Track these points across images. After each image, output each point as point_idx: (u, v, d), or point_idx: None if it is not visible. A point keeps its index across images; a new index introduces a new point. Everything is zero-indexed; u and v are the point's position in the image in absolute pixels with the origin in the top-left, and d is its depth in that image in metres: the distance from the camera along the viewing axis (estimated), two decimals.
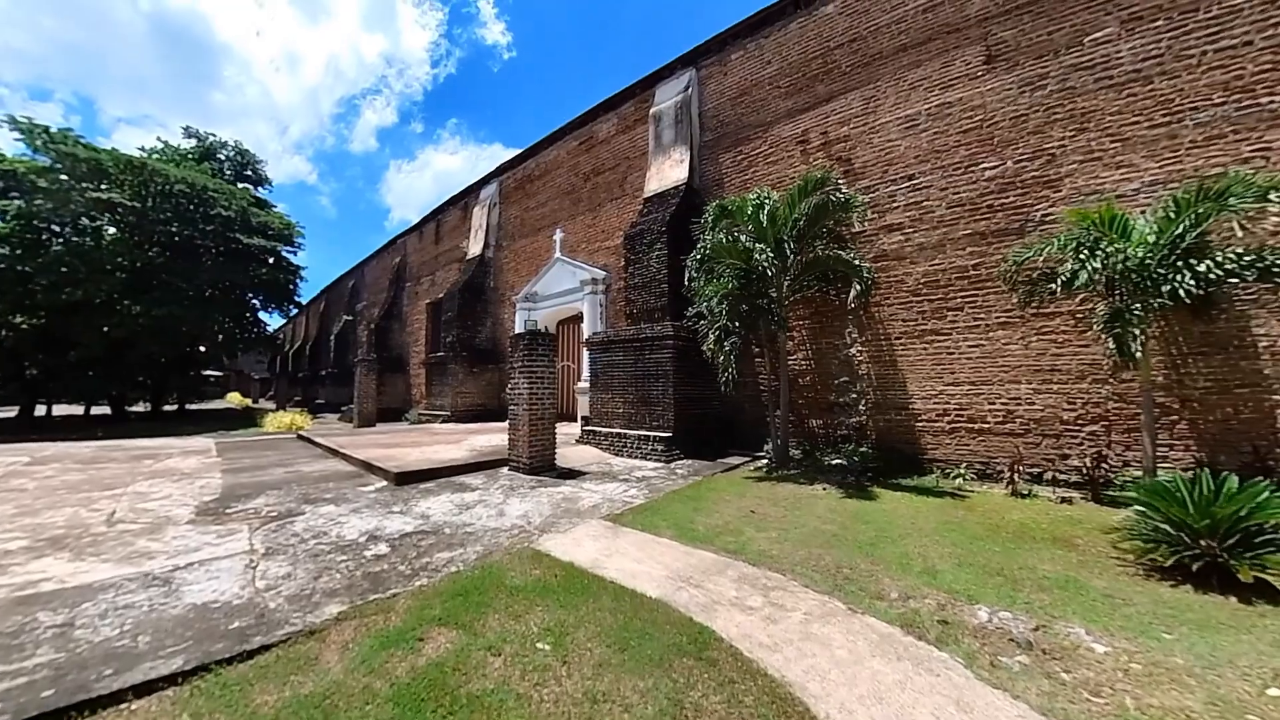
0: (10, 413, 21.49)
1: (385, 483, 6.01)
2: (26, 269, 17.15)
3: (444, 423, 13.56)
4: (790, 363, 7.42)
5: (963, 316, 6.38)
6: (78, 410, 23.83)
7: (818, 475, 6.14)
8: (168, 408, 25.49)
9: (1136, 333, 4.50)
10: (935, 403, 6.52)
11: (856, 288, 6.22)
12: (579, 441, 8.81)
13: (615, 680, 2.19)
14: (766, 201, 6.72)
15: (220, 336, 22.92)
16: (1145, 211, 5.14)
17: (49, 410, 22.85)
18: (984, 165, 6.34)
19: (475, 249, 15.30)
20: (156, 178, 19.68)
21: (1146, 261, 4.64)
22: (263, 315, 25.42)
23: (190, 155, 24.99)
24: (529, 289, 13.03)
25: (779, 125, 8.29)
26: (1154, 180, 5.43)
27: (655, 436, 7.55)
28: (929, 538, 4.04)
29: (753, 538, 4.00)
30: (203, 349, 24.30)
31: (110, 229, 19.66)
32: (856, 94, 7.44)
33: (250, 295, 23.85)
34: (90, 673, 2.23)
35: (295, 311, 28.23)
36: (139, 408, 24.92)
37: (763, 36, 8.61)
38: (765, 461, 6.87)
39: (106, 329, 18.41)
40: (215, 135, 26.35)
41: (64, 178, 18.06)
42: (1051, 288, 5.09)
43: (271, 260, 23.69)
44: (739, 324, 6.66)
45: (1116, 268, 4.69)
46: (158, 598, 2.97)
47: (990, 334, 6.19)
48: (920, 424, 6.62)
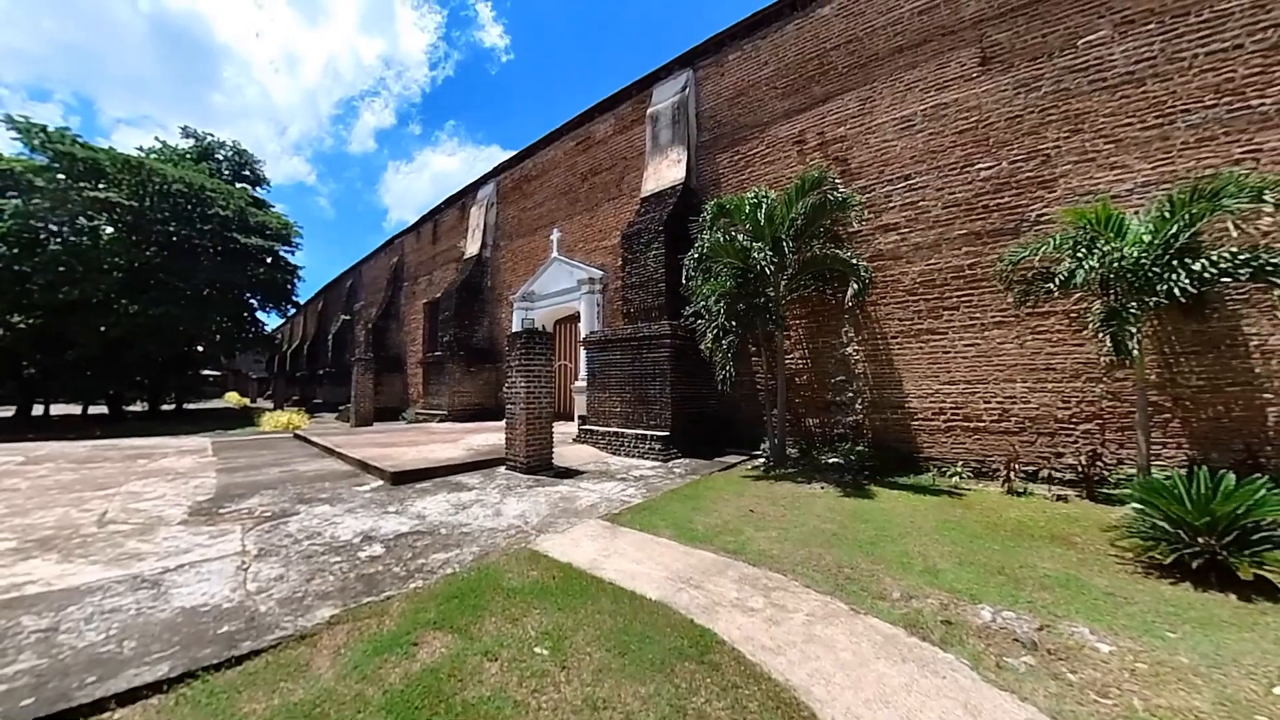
0: (8, 412, 21.25)
1: (381, 482, 5.90)
2: (24, 268, 16.93)
3: (441, 422, 13.43)
4: (787, 362, 7.35)
5: (958, 316, 6.33)
6: (76, 410, 23.58)
7: (815, 474, 6.07)
8: (165, 407, 25.29)
9: (1133, 331, 4.48)
10: (931, 401, 6.47)
11: (854, 287, 6.16)
12: (576, 440, 8.72)
13: (616, 686, 2.10)
14: (764, 200, 6.64)
15: (218, 336, 22.72)
16: (1139, 212, 5.11)
17: (46, 410, 22.63)
18: (979, 166, 6.30)
19: (473, 249, 15.17)
20: (154, 177, 19.46)
21: (1141, 261, 4.62)
22: (260, 315, 25.27)
23: (188, 155, 24.74)
24: (526, 288, 12.92)
25: (776, 126, 8.22)
26: (1147, 181, 5.41)
27: (652, 435, 7.47)
28: (928, 536, 3.97)
29: (752, 537, 3.92)
30: (200, 349, 24.07)
31: (108, 228, 19.42)
32: (853, 95, 7.38)
33: (248, 295, 23.65)
34: (72, 680, 2.13)
35: (293, 311, 27.99)
36: (137, 407, 24.68)
37: (760, 38, 8.54)
38: (762, 460, 6.79)
39: (104, 328, 18.20)
40: (213, 135, 26.14)
41: (61, 177, 17.88)
42: (1049, 287, 5.05)
43: (269, 260, 23.51)
44: (736, 323, 6.58)
45: (1113, 266, 4.65)
46: (146, 601, 2.86)
47: (986, 333, 6.15)
48: (916, 423, 6.56)
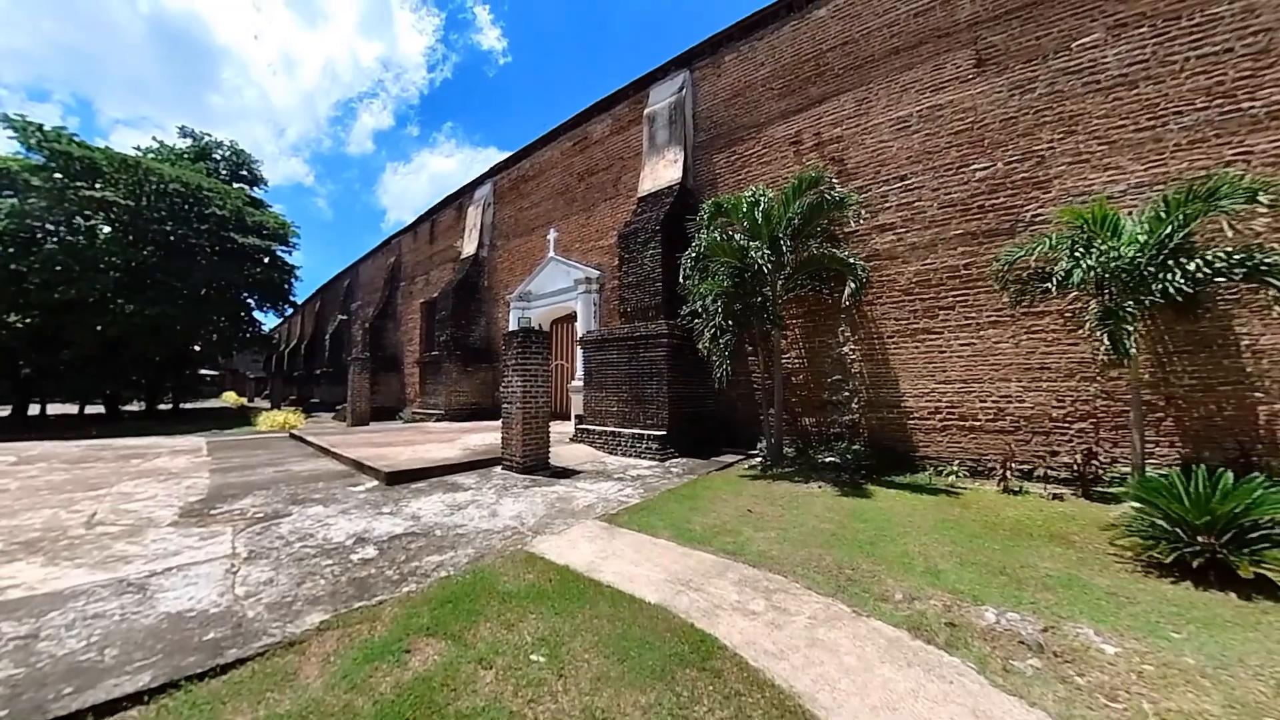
0: (4, 412, 20.95)
1: (376, 482, 5.76)
2: (20, 267, 16.64)
3: (438, 421, 13.27)
4: (784, 361, 7.27)
5: (954, 315, 6.27)
6: (73, 409, 23.23)
7: (812, 473, 5.99)
8: (162, 407, 24.97)
9: (1130, 330, 4.43)
10: (927, 401, 6.40)
11: (851, 286, 6.08)
12: (573, 440, 8.61)
13: (615, 695, 2.00)
14: (762, 198, 6.55)
15: (215, 336, 22.42)
16: (1132, 212, 5.08)
17: (43, 409, 22.28)
18: (975, 166, 6.24)
19: (469, 248, 15.00)
20: (151, 177, 19.18)
21: (1137, 260, 4.58)
22: (258, 314, 24.97)
23: (185, 155, 24.41)
24: (523, 288, 12.79)
25: (772, 126, 8.14)
26: (1140, 182, 5.39)
27: (649, 435, 7.36)
28: (928, 536, 3.90)
29: (751, 538, 3.83)
30: (197, 348, 23.74)
31: (104, 228, 19.13)
32: (849, 96, 7.31)
33: (245, 294, 23.36)
34: (49, 691, 2.01)
35: (290, 311, 27.66)
36: (134, 407, 24.33)
37: (756, 39, 8.46)
38: (759, 460, 6.69)
39: (100, 328, 17.90)
40: (210, 135, 25.80)
41: (58, 176, 17.57)
42: (1048, 287, 5.00)
43: (266, 260, 23.24)
44: (733, 322, 6.49)
45: (1109, 266, 4.61)
46: (130, 606, 2.74)
47: (981, 333, 6.09)
48: (912, 422, 6.50)
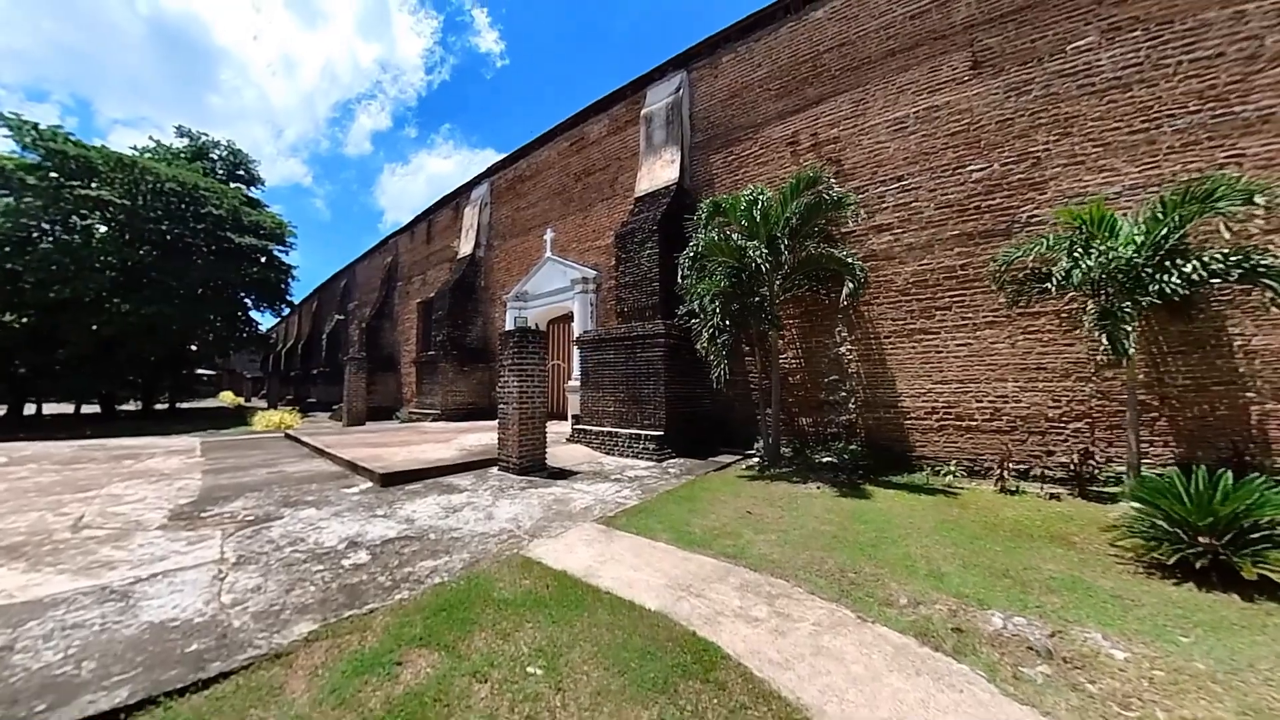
0: None
1: (370, 484, 5.61)
2: (15, 266, 16.34)
3: (434, 421, 13.10)
4: (781, 361, 7.17)
5: (951, 316, 6.20)
6: (69, 409, 22.83)
7: (810, 473, 5.89)
8: (159, 406, 24.59)
9: (1128, 330, 4.38)
10: (924, 401, 6.33)
11: (849, 286, 5.98)
12: (569, 440, 8.49)
13: (615, 711, 1.89)
14: (761, 197, 6.45)
15: (211, 336, 22.11)
16: (1126, 214, 5.03)
17: (39, 409, 21.86)
18: (971, 167, 6.18)
19: (466, 248, 14.82)
20: (148, 176, 18.87)
21: (1134, 261, 4.53)
22: (255, 314, 24.66)
23: (182, 154, 24.04)
24: (520, 288, 12.64)
25: (769, 127, 8.04)
26: (1134, 184, 5.35)
27: (647, 435, 7.25)
28: (929, 537, 3.81)
29: (752, 540, 3.72)
30: (194, 348, 23.40)
31: (100, 227, 18.83)
32: (846, 97, 7.23)
33: (242, 294, 23.06)
34: (20, 709, 1.89)
35: (288, 311, 27.35)
36: (130, 406, 23.95)
37: (753, 40, 8.36)
38: (757, 460, 6.59)
39: (95, 327, 17.59)
40: (208, 135, 25.45)
41: (54, 175, 17.25)
42: (1046, 287, 4.94)
43: (263, 259, 22.92)
44: (730, 322, 6.38)
45: (1108, 267, 4.55)
46: (112, 615, 2.60)
47: (977, 333, 6.03)
48: (909, 422, 6.42)
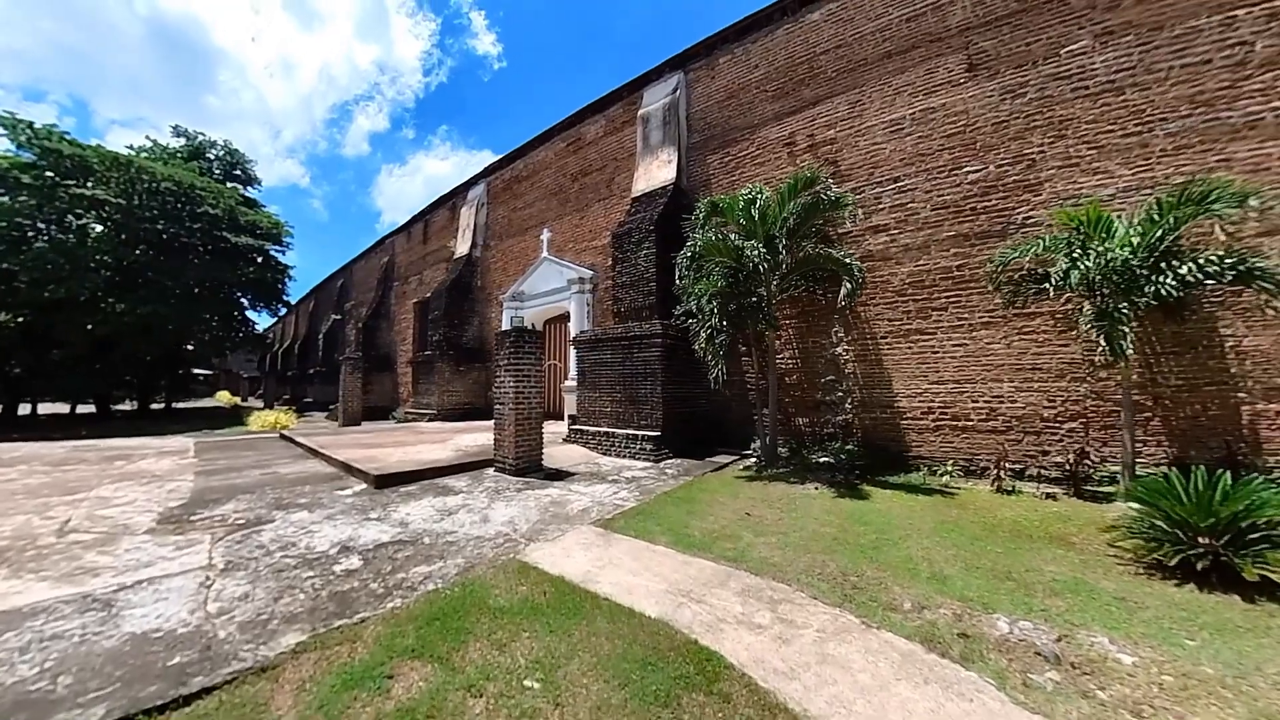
0: None
1: (364, 485, 5.45)
2: (9, 265, 16.01)
3: (430, 421, 12.93)
4: (777, 361, 7.09)
5: (947, 316, 6.14)
6: (64, 409, 22.43)
7: (807, 474, 5.80)
8: (155, 406, 24.21)
9: (1126, 331, 4.33)
10: (920, 401, 6.26)
11: (847, 286, 5.89)
12: (566, 440, 8.36)
13: None
14: (759, 196, 6.35)
15: (207, 336, 21.77)
16: (1121, 215, 4.98)
17: (34, 409, 21.44)
18: (967, 169, 6.13)
19: (463, 249, 14.65)
20: (143, 175, 18.56)
21: (1130, 262, 4.48)
22: (251, 314, 24.33)
23: (179, 154, 23.70)
24: (516, 288, 12.50)
25: (766, 128, 7.95)
26: (1128, 186, 5.32)
27: (644, 435, 7.14)
28: (929, 539, 3.73)
29: (752, 543, 3.63)
30: (190, 348, 23.05)
31: (96, 226, 18.50)
32: (842, 98, 7.16)
33: (238, 294, 22.73)
34: None
35: (284, 311, 27.02)
36: (126, 406, 23.56)
37: (750, 41, 8.27)
38: (754, 460, 6.50)
39: (90, 327, 17.27)
40: (204, 134, 25.10)
41: (49, 174, 16.92)
42: (1043, 288, 4.88)
43: (260, 259, 22.61)
44: (727, 323, 6.30)
45: (1105, 267, 4.50)
46: (93, 625, 2.47)
47: (973, 333, 5.97)
48: (905, 422, 6.35)
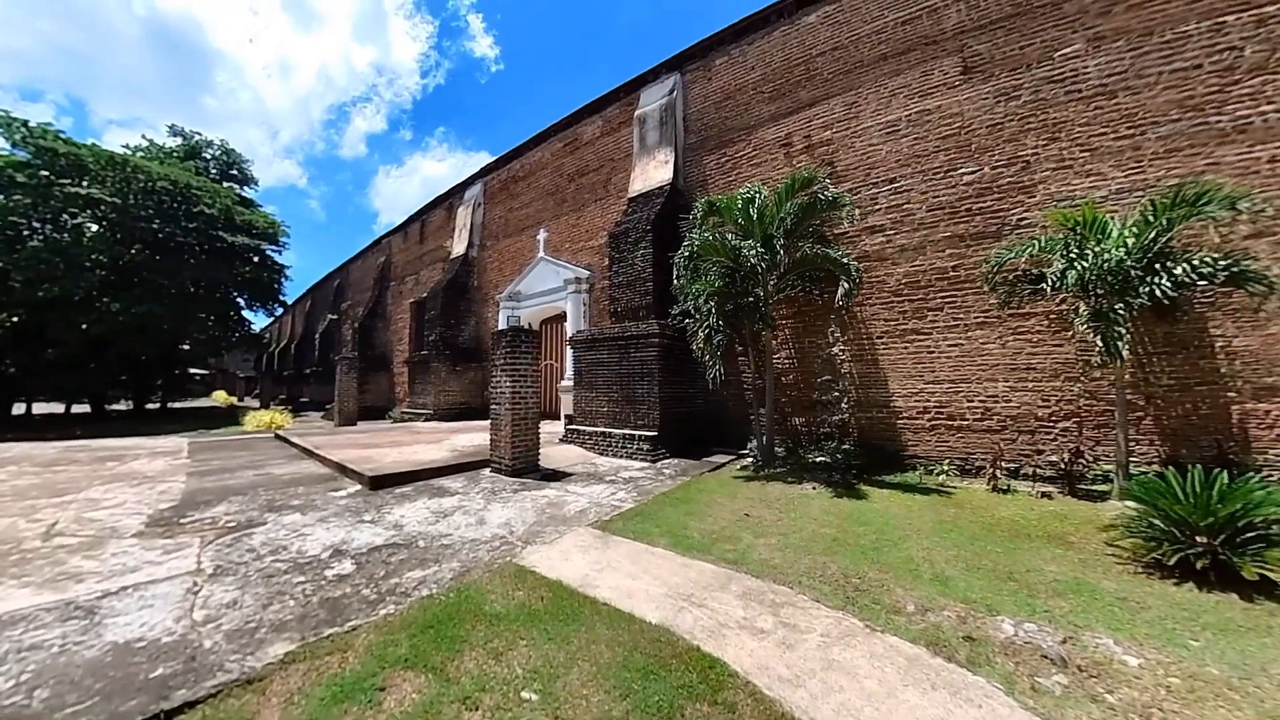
0: None
1: (359, 487, 5.30)
2: (4, 265, 15.69)
3: (426, 421, 12.77)
4: (774, 361, 7.03)
5: (942, 316, 6.09)
6: (59, 409, 22.03)
7: (804, 473, 5.73)
8: (151, 406, 23.84)
9: (1122, 331, 4.29)
10: (916, 400, 6.21)
11: (844, 286, 5.82)
12: (563, 440, 8.25)
13: None
14: (757, 195, 6.27)
15: (204, 335, 21.44)
16: (1114, 217, 4.95)
17: (29, 408, 21.04)
18: (962, 170, 6.09)
19: (459, 248, 14.48)
20: (139, 174, 18.26)
21: (1124, 262, 4.45)
22: (247, 314, 23.99)
23: (175, 153, 23.37)
24: (512, 288, 12.37)
25: (763, 129, 7.88)
26: (1120, 188, 5.29)
27: (640, 435, 7.04)
28: (929, 539, 3.67)
29: (752, 544, 3.54)
30: (185, 347, 22.69)
31: (91, 225, 18.14)
32: (839, 99, 7.10)
33: (234, 293, 22.42)
34: None
35: (281, 311, 26.71)
36: (121, 406, 23.17)
37: (746, 43, 8.20)
38: (751, 460, 6.42)
39: (85, 326, 16.93)
40: (201, 134, 24.77)
41: (44, 173, 16.58)
42: (1040, 288, 4.84)
43: (256, 259, 22.31)
44: (724, 323, 6.23)
45: (1101, 268, 4.46)
46: (74, 634, 2.34)
47: (969, 333, 5.93)
48: (901, 421, 6.30)
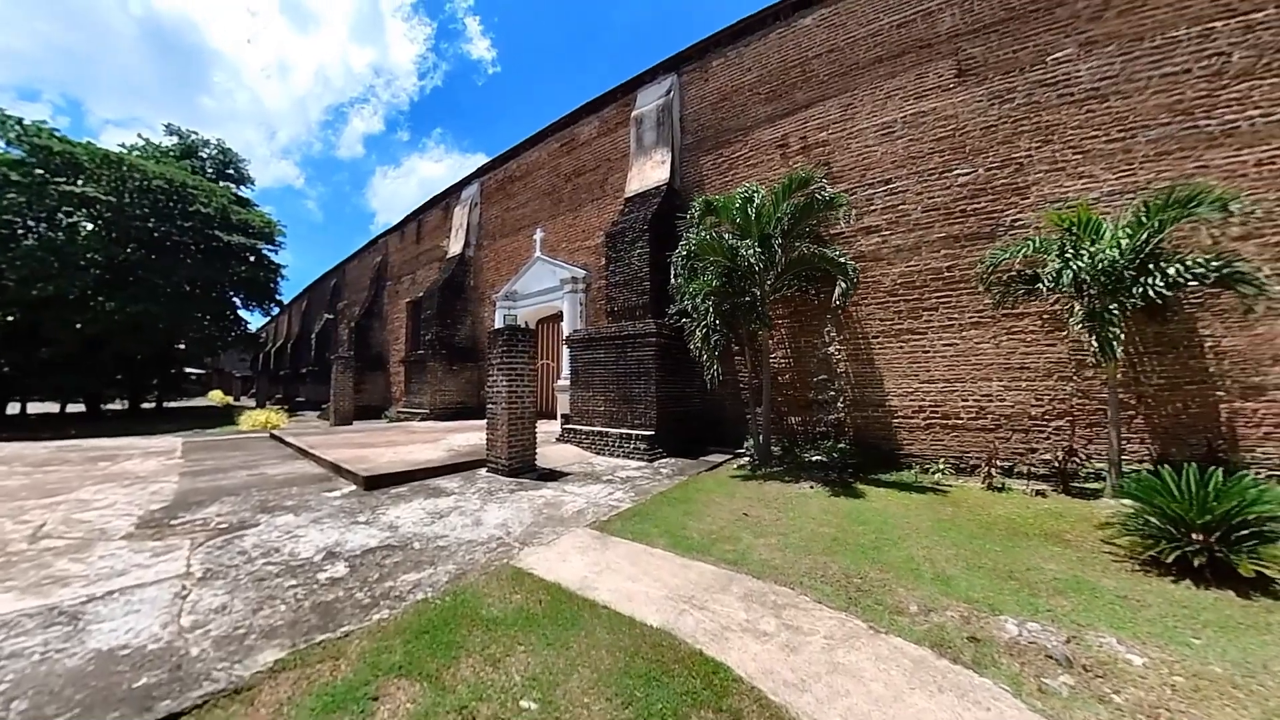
0: None
1: (354, 487, 5.18)
2: None
3: (423, 421, 12.61)
4: (770, 361, 6.97)
5: (937, 316, 6.06)
6: (55, 408, 21.63)
7: (801, 472, 5.67)
8: (146, 406, 23.44)
9: (1117, 331, 4.27)
10: (911, 400, 6.17)
11: (841, 286, 5.76)
12: (559, 440, 8.15)
13: None
14: (756, 195, 6.20)
15: (199, 334, 21.12)
16: (1105, 219, 4.95)
17: (23, 408, 20.62)
18: (957, 172, 6.06)
19: (456, 248, 14.33)
20: (134, 173, 17.93)
21: (1117, 263, 4.43)
22: (244, 313, 23.64)
23: (171, 152, 23.02)
24: (509, 287, 12.24)
25: (759, 130, 7.82)
26: (1112, 190, 5.29)
27: (638, 435, 6.96)
28: (928, 538, 3.61)
29: (752, 544, 3.47)
30: (181, 347, 22.35)
31: (86, 224, 17.78)
32: (834, 101, 7.05)
33: (230, 293, 22.08)
34: None
35: (277, 310, 26.38)
36: (116, 405, 22.79)
37: (743, 45, 8.14)
38: (747, 459, 6.35)
39: (80, 325, 16.62)
40: (197, 133, 24.41)
41: (38, 171, 16.25)
42: (1036, 288, 4.82)
43: (252, 258, 21.99)
44: (721, 322, 6.16)
45: (1096, 268, 4.44)
46: (56, 642, 2.23)
47: (963, 333, 5.90)
48: (897, 420, 6.26)
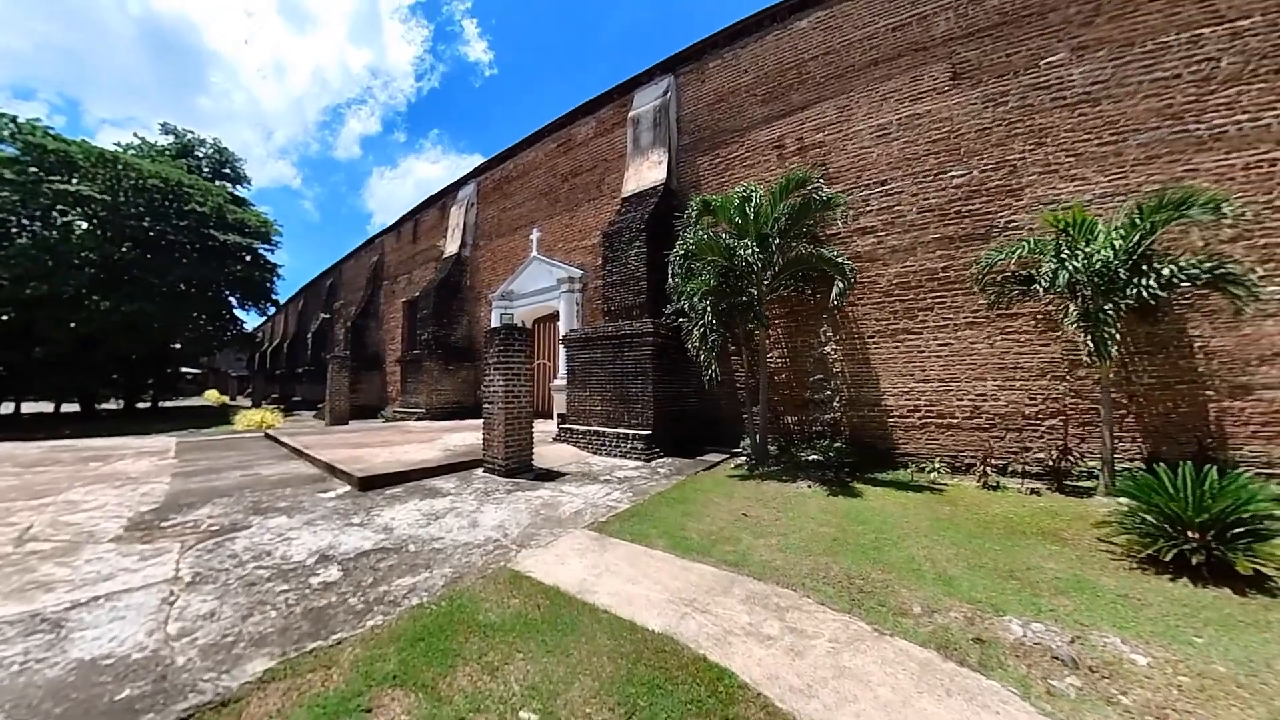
0: None
1: (348, 488, 5.05)
2: None
3: (419, 420, 12.47)
4: (766, 360, 6.92)
5: (932, 316, 6.03)
6: (49, 408, 21.22)
7: (798, 472, 5.61)
8: (141, 405, 23.05)
9: (1112, 332, 4.24)
10: (907, 399, 6.14)
11: (838, 286, 5.70)
12: (556, 440, 8.05)
13: None
14: (754, 194, 6.14)
15: (195, 334, 20.79)
16: (1098, 220, 4.92)
17: (17, 408, 20.21)
18: (952, 173, 6.04)
19: (452, 248, 14.18)
20: (130, 172, 17.58)
21: (1111, 264, 4.41)
22: (240, 313, 23.28)
23: (166, 152, 22.63)
24: (505, 287, 12.12)
25: (755, 131, 7.77)
26: (1104, 192, 5.29)
27: (635, 434, 6.87)
28: (927, 537, 3.56)
29: (752, 545, 3.40)
30: (177, 346, 21.98)
31: (80, 223, 17.43)
32: (831, 103, 7.01)
33: (226, 292, 21.74)
34: None
35: (273, 310, 26.02)
36: (111, 405, 22.40)
37: (740, 46, 8.08)
38: (744, 459, 6.29)
39: (74, 325, 16.28)
40: (193, 133, 24.01)
41: (32, 169, 15.90)
42: (1032, 288, 4.80)
43: (248, 257, 21.65)
44: (718, 322, 6.09)
45: (1091, 269, 4.42)
46: (37, 651, 2.12)
47: (958, 333, 5.88)
48: (892, 420, 6.22)
